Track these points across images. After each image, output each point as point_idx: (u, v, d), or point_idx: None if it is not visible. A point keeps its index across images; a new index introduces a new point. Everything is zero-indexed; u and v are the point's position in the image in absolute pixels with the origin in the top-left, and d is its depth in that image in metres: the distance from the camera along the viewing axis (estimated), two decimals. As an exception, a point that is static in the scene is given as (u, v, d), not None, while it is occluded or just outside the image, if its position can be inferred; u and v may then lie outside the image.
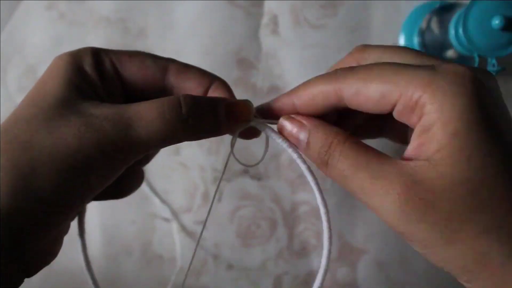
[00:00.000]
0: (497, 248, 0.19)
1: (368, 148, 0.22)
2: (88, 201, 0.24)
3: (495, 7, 0.38)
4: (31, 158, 0.20)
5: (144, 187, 0.49)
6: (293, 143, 0.25)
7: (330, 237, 0.26)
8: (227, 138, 0.49)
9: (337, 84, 0.23)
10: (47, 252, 0.24)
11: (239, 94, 0.49)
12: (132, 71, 0.25)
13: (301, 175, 0.49)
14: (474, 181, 0.19)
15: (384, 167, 0.21)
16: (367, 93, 0.22)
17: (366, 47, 0.25)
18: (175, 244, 0.49)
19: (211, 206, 0.28)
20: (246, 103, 0.25)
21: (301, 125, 0.24)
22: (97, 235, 0.48)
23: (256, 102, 0.27)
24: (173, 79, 0.25)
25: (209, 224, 0.49)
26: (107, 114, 0.22)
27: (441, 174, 0.19)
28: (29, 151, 0.21)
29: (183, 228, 0.49)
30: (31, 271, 0.23)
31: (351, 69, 0.23)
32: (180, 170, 0.49)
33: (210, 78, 0.26)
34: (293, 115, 0.25)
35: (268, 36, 0.50)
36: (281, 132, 0.25)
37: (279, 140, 0.25)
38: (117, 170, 0.23)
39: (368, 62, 0.23)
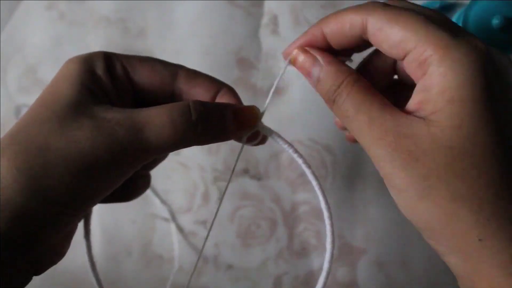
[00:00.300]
0: (464, 215, 0.20)
1: (374, 93, 0.23)
2: (96, 203, 0.24)
3: (495, 7, 0.38)
4: (45, 160, 0.21)
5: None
6: (305, 75, 0.26)
7: (333, 241, 0.26)
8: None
9: (365, 15, 0.23)
10: (55, 251, 0.25)
11: (239, 94, 0.49)
12: (143, 76, 0.25)
13: (301, 175, 0.49)
14: (459, 148, 0.20)
15: (383, 114, 0.22)
16: (389, 33, 0.22)
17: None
18: (174, 244, 0.49)
19: (217, 211, 0.29)
20: (252, 108, 0.26)
21: (314, 60, 0.25)
22: (97, 235, 0.48)
23: (256, 102, 0.27)
24: (182, 85, 0.26)
25: (209, 224, 0.49)
26: (118, 118, 0.22)
27: (431, 134, 0.20)
28: (43, 153, 0.21)
29: (182, 228, 0.49)
30: (39, 270, 0.24)
31: (383, 5, 0.23)
32: (180, 170, 0.49)
33: (218, 85, 0.27)
34: (308, 48, 0.26)
35: (268, 36, 0.50)
36: (293, 63, 0.26)
37: (285, 146, 0.26)
38: (126, 173, 0.23)
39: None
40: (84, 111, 0.22)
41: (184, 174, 0.49)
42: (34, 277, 0.25)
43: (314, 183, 0.26)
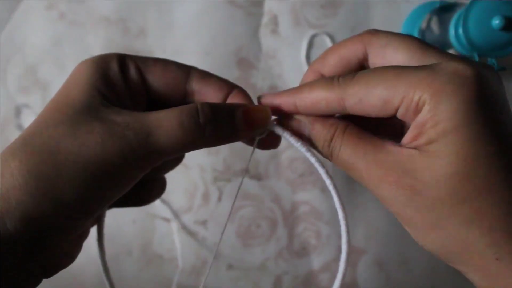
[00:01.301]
0: (477, 238, 0.20)
1: (365, 136, 0.23)
2: (107, 207, 0.24)
3: (495, 7, 0.38)
4: (56, 164, 0.21)
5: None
6: (303, 141, 0.26)
7: (349, 241, 0.26)
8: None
9: (339, 93, 0.23)
10: (66, 254, 0.25)
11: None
12: (156, 77, 0.25)
13: (302, 175, 0.49)
14: (460, 174, 0.20)
15: (379, 156, 0.22)
16: (370, 101, 0.22)
17: (376, 32, 0.25)
18: (176, 243, 0.49)
19: (230, 213, 0.29)
20: (264, 108, 0.26)
21: (299, 122, 0.26)
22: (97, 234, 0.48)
23: (256, 102, 0.27)
24: (195, 85, 0.26)
25: (209, 224, 0.49)
26: (128, 122, 0.22)
27: (429, 165, 0.21)
28: (55, 157, 0.21)
29: (184, 228, 0.49)
30: (49, 273, 0.24)
31: (351, 77, 0.23)
32: (180, 170, 0.49)
33: (230, 86, 0.27)
34: (295, 116, 0.26)
35: (268, 36, 0.50)
36: (287, 128, 0.26)
37: (297, 145, 0.26)
38: (135, 177, 0.23)
39: (374, 48, 0.24)
40: (95, 115, 0.22)
41: (184, 174, 0.49)
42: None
43: (328, 182, 0.26)
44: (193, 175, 0.49)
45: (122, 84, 0.25)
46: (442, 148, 0.20)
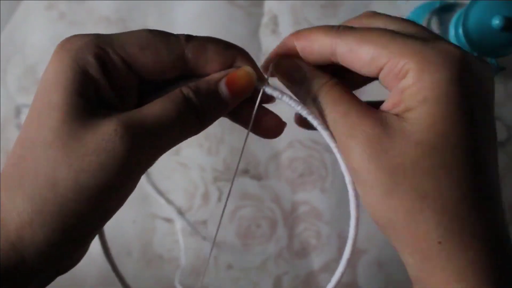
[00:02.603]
0: (427, 215, 0.20)
1: (353, 95, 0.24)
2: (114, 213, 0.24)
3: (495, 7, 0.38)
4: (57, 197, 0.20)
5: (146, 187, 0.49)
6: (286, 80, 0.27)
7: (357, 225, 0.26)
8: (227, 138, 0.49)
9: (334, 38, 0.23)
10: (73, 261, 0.25)
11: (239, 94, 0.49)
12: (146, 65, 0.23)
13: (302, 175, 0.49)
14: (430, 145, 0.20)
15: (360, 108, 0.23)
16: (359, 53, 0.23)
17: (374, 14, 0.26)
18: (180, 240, 0.49)
19: (222, 213, 0.28)
20: (246, 73, 0.25)
21: (296, 65, 0.26)
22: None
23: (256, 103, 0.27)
24: (193, 62, 0.24)
25: (210, 224, 0.49)
26: (126, 128, 0.21)
27: (403, 128, 0.21)
28: (53, 190, 0.20)
29: (187, 226, 0.49)
30: (62, 273, 0.25)
31: (350, 27, 0.24)
32: (180, 170, 0.49)
33: (231, 55, 0.25)
34: (290, 57, 0.26)
35: (268, 36, 0.50)
36: (275, 70, 0.27)
37: (290, 102, 0.25)
38: (139, 177, 0.23)
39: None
40: (83, 126, 0.21)
41: (184, 174, 0.49)
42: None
43: (332, 145, 0.25)
44: (193, 175, 0.49)
45: (105, 82, 0.22)
46: (417, 116, 0.21)
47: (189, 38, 0.24)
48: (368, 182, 0.21)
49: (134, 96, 0.24)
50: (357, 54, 0.23)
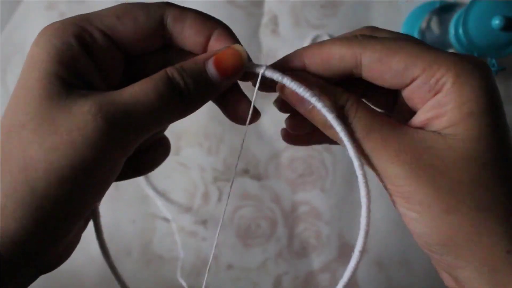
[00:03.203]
0: (492, 226, 0.20)
1: (378, 112, 0.22)
2: (98, 200, 0.23)
3: (495, 7, 0.38)
4: (28, 180, 0.19)
5: (145, 187, 0.49)
6: (294, 102, 0.23)
7: (368, 193, 0.24)
8: (227, 138, 0.49)
9: (358, 48, 0.22)
10: (63, 252, 0.24)
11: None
12: (126, 34, 0.22)
13: (301, 175, 0.49)
14: (482, 159, 0.20)
15: (396, 132, 0.21)
16: (390, 63, 0.21)
17: (375, 29, 0.24)
18: (177, 241, 0.49)
19: (224, 213, 0.28)
20: (234, 51, 0.23)
21: (308, 84, 0.23)
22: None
23: (256, 102, 0.27)
24: (172, 28, 0.23)
25: (209, 224, 0.49)
26: (100, 106, 0.20)
27: (451, 146, 0.20)
28: (25, 171, 0.20)
29: (185, 225, 0.49)
30: (46, 271, 0.23)
31: (373, 37, 0.22)
32: (180, 170, 0.49)
33: (210, 25, 0.24)
34: (298, 72, 0.23)
35: (268, 36, 0.50)
36: (281, 91, 0.23)
37: (292, 85, 0.22)
38: (120, 163, 0.22)
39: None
40: (59, 108, 0.20)
41: (184, 174, 0.49)
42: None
43: (338, 129, 0.22)
44: (193, 175, 0.49)
45: (86, 60, 0.21)
46: (464, 131, 0.20)
47: (168, 4, 0.23)
48: (426, 203, 0.21)
49: (119, 76, 0.23)
50: (387, 64, 0.21)
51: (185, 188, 0.49)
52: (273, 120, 0.48)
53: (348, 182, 0.49)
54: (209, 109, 0.50)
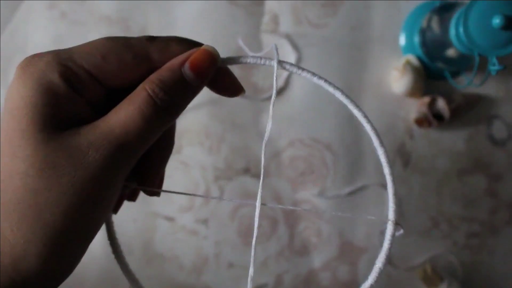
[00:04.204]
0: None
1: None
2: (109, 212, 0.25)
3: (495, 6, 0.38)
4: (44, 222, 0.21)
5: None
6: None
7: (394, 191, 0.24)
8: (228, 137, 0.49)
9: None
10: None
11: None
12: (111, 72, 0.23)
13: (302, 174, 0.49)
14: None
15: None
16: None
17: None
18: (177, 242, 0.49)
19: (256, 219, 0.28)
20: (206, 52, 0.24)
21: None
22: (97, 234, 0.49)
23: (257, 102, 0.27)
24: (157, 59, 0.24)
25: (210, 223, 0.49)
26: (91, 141, 0.21)
27: None
28: (40, 216, 0.21)
29: (187, 223, 0.49)
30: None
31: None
32: (181, 169, 0.49)
33: (190, 48, 0.25)
34: None
35: (269, 35, 0.50)
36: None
37: (304, 74, 0.24)
38: (121, 183, 0.23)
39: None
40: (55, 149, 0.21)
41: (185, 173, 0.49)
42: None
43: (339, 93, 0.23)
44: (194, 174, 0.49)
45: (75, 98, 0.22)
46: None
47: (151, 38, 0.24)
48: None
49: (104, 103, 0.24)
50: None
51: (186, 187, 0.49)
52: (274, 119, 0.49)
53: (349, 181, 0.49)
54: (210, 108, 0.50)
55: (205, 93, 0.30)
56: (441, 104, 0.47)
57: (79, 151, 0.21)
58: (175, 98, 0.23)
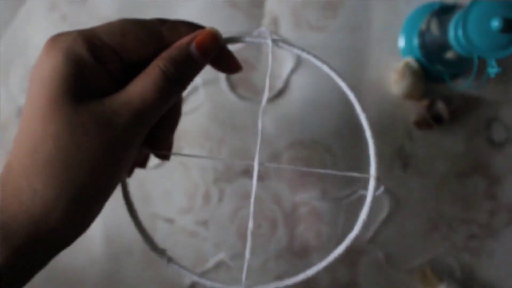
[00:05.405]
0: None
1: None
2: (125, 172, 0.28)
3: (494, 8, 0.38)
4: (73, 178, 0.24)
5: (146, 186, 0.49)
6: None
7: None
8: (228, 139, 0.49)
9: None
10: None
11: (240, 94, 0.49)
12: (129, 49, 0.26)
13: (302, 176, 0.49)
14: None
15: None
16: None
17: None
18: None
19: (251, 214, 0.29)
20: (211, 33, 0.27)
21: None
22: (98, 235, 0.49)
23: (257, 104, 0.27)
24: (169, 39, 0.27)
25: (210, 225, 0.49)
26: (115, 109, 0.24)
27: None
28: (70, 172, 0.23)
29: (187, 225, 0.49)
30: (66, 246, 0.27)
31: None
32: (181, 170, 0.49)
33: (195, 29, 0.28)
34: None
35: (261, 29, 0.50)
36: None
37: (252, 39, 0.29)
38: (138, 146, 0.26)
39: None
40: (86, 115, 0.24)
41: (184, 175, 0.49)
42: (36, 276, 0.25)
43: (335, 75, 0.28)
44: (194, 176, 0.49)
45: (101, 69, 0.25)
46: None
47: (162, 20, 0.27)
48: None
49: (122, 76, 0.26)
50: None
51: (185, 189, 0.49)
52: (273, 120, 0.49)
53: (348, 183, 0.49)
54: (210, 111, 0.50)
55: (205, 94, 0.30)
56: (440, 106, 0.47)
57: (105, 118, 0.24)
58: (184, 72, 0.26)
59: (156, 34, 0.26)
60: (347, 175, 0.28)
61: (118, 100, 0.24)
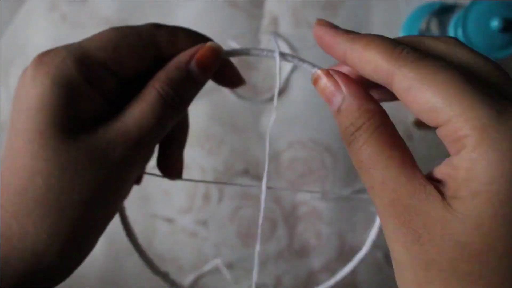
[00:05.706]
0: None
1: (396, 146, 0.20)
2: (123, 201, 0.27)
3: (494, 8, 0.38)
4: (66, 220, 0.22)
5: (146, 187, 0.49)
6: (325, 101, 0.23)
7: None
8: (228, 139, 0.49)
9: (393, 66, 0.19)
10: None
11: (240, 94, 0.49)
12: (123, 62, 0.23)
13: (302, 176, 0.49)
14: (472, 249, 0.17)
15: (399, 177, 0.19)
16: (418, 97, 0.18)
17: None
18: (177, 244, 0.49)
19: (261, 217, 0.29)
20: (211, 49, 0.25)
21: (337, 86, 0.22)
22: (98, 235, 0.49)
23: (257, 104, 0.27)
24: (165, 46, 0.24)
25: (210, 225, 0.49)
26: (109, 139, 0.22)
27: (445, 221, 0.17)
28: (63, 214, 0.22)
29: (187, 225, 0.49)
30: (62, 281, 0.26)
31: (417, 54, 0.19)
32: (181, 171, 0.49)
33: (201, 40, 0.26)
34: (332, 71, 0.23)
35: (268, 37, 0.50)
36: (315, 83, 0.23)
37: (304, 65, 0.26)
38: (136, 176, 0.25)
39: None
40: (78, 148, 0.21)
41: (184, 175, 0.49)
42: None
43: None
44: (194, 176, 0.49)
45: (92, 91, 0.22)
46: (465, 212, 0.17)
47: (157, 26, 0.24)
48: (402, 263, 0.19)
49: (116, 94, 0.24)
50: (415, 97, 0.18)
51: (185, 189, 0.49)
52: (273, 121, 0.49)
53: (348, 182, 0.49)
54: (210, 111, 0.50)
55: (205, 94, 0.30)
56: (440, 106, 0.47)
57: (99, 152, 0.22)
58: (183, 94, 0.24)
59: (153, 45, 0.24)
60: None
61: (114, 130, 0.22)
